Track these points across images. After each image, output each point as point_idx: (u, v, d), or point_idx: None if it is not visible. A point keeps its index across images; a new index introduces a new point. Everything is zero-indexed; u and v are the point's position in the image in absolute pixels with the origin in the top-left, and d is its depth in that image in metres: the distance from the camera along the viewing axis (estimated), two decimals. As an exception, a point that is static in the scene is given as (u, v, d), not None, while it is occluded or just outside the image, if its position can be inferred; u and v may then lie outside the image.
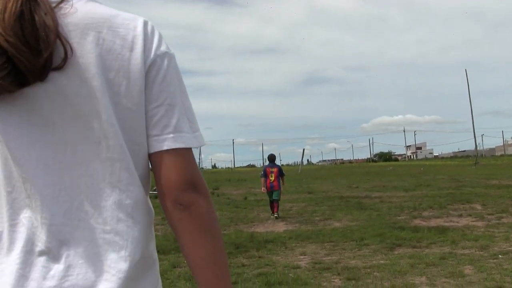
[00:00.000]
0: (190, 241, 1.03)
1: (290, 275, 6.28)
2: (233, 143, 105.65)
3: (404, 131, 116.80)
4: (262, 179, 13.27)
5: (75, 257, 0.96)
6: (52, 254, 0.95)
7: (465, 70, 56.44)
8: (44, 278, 0.94)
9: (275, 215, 12.69)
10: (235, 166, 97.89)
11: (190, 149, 1.06)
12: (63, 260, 0.95)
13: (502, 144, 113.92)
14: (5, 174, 0.97)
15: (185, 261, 4.83)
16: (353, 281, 5.90)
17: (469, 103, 54.48)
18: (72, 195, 0.98)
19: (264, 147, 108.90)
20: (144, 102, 1.03)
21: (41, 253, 0.95)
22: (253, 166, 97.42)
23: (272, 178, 12.98)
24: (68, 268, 0.95)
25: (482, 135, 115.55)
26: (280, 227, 10.89)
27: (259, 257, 7.56)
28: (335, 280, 6.02)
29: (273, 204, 12.96)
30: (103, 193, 1.00)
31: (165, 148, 1.03)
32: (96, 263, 0.97)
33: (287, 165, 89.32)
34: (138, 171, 1.04)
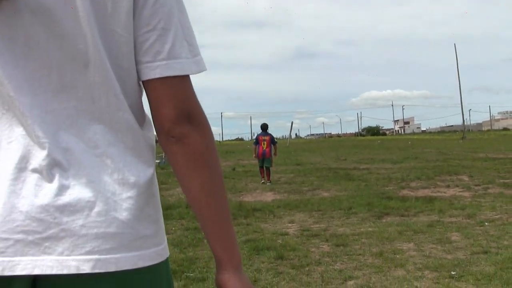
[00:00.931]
0: (185, 175, 1.00)
1: (278, 241, 6.28)
2: (222, 116, 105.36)
3: (392, 105, 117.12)
4: (254, 147, 14.42)
5: (67, 178, 0.91)
6: (46, 173, 0.90)
7: (454, 44, 56.25)
8: (36, 196, 0.89)
9: (268, 183, 13.37)
10: (224, 139, 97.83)
11: (186, 76, 0.99)
12: (56, 180, 0.90)
13: (489, 119, 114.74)
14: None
15: (173, 228, 4.78)
16: (342, 247, 5.91)
17: (458, 77, 54.51)
18: (60, 118, 0.94)
19: (253, 121, 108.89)
20: (134, 26, 0.96)
21: (34, 171, 0.91)
22: (242, 139, 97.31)
23: (265, 146, 13.94)
24: (60, 187, 0.90)
25: (469, 110, 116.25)
26: (268, 197, 10.90)
27: (247, 224, 7.56)
28: (323, 246, 6.03)
29: (263, 170, 13.83)
30: (93, 117, 0.95)
31: (157, 76, 0.96)
32: (89, 185, 0.92)
33: (276, 138, 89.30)
34: (127, 100, 0.99)
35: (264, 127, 14.61)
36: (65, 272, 0.87)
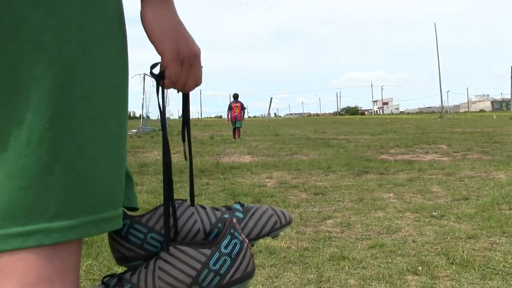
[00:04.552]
0: None
1: (255, 190, 6.12)
2: (200, 93, 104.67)
3: (371, 86, 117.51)
4: (228, 112, 17.78)
5: None
6: None
7: (434, 23, 56.17)
8: None
9: (238, 140, 16.38)
10: (203, 117, 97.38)
11: None
12: None
13: (466, 101, 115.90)
14: None
15: (148, 181, 4.54)
16: (320, 195, 5.77)
17: (437, 57, 54.58)
18: None
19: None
20: None
21: None
22: (220, 117, 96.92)
23: (236, 111, 17.34)
24: None
25: (447, 92, 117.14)
26: (246, 159, 10.72)
27: (224, 179, 7.38)
28: (302, 195, 5.88)
29: (235, 130, 17.35)
30: None
31: None
32: None
33: (255, 117, 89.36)
34: None
35: (235, 96, 17.94)
36: None
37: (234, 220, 0.97)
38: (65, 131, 0.73)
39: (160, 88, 0.91)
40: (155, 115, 28.63)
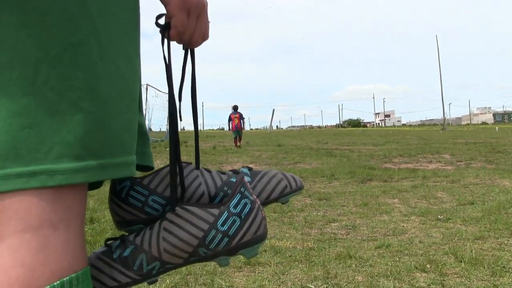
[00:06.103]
0: None
1: (259, 195, 6.08)
2: (203, 105, 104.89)
3: (373, 98, 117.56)
4: (228, 123, 19.48)
5: None
6: None
7: (436, 36, 56.23)
8: None
9: (238, 145, 17.95)
10: (205, 129, 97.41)
11: None
12: None
13: (468, 114, 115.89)
14: None
15: None
16: (324, 200, 5.74)
17: (439, 69, 54.58)
18: None
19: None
20: None
21: None
22: (223, 129, 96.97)
23: (236, 121, 19.06)
24: None
25: (449, 104, 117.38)
26: (250, 167, 10.69)
27: (228, 185, 7.35)
28: (306, 200, 5.84)
29: (236, 140, 18.75)
30: None
31: None
32: None
33: (257, 129, 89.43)
34: None
35: (235, 107, 19.54)
36: None
37: (245, 179, 0.93)
38: (73, 69, 0.70)
39: (166, 41, 0.87)
40: (157, 126, 28.66)
